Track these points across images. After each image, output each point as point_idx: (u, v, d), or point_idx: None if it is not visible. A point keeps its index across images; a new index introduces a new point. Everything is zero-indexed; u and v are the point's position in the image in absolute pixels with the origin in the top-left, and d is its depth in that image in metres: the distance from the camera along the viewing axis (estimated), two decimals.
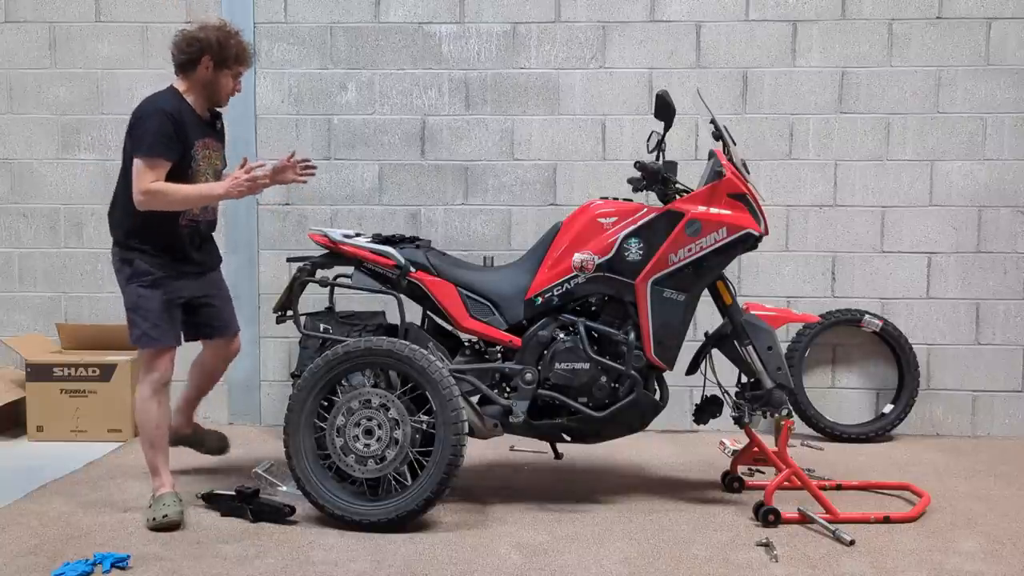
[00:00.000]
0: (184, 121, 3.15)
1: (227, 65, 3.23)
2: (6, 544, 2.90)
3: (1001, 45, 4.52)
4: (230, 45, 3.21)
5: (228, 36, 3.22)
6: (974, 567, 2.78)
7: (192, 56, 3.21)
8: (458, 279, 3.36)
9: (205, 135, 3.26)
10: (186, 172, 3.17)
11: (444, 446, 3.01)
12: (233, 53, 3.22)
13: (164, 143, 3.09)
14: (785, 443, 3.32)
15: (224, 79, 3.25)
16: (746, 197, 3.25)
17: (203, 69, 3.21)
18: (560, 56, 4.61)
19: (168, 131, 3.09)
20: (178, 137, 3.12)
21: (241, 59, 3.26)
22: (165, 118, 3.10)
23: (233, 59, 3.23)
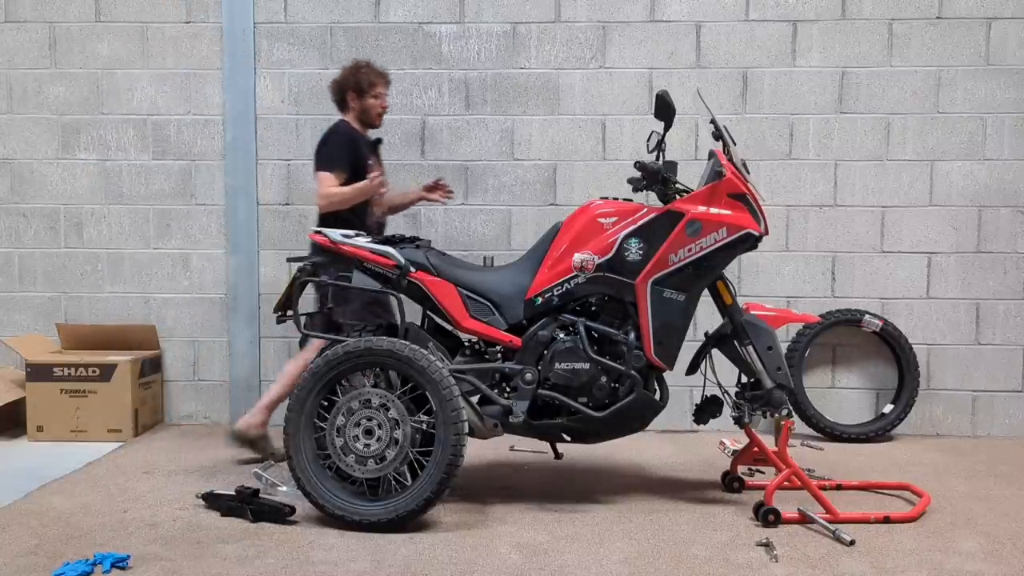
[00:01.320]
0: (358, 143, 3.87)
1: (365, 91, 3.89)
2: (6, 544, 2.90)
3: (1001, 45, 4.52)
4: (361, 75, 3.89)
5: (357, 69, 3.91)
6: (974, 567, 2.78)
7: (340, 96, 3.95)
8: (458, 279, 3.36)
9: (371, 153, 3.95)
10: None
11: (444, 446, 3.01)
12: (366, 80, 3.89)
13: (334, 160, 3.78)
14: (785, 443, 3.32)
15: (368, 102, 3.91)
16: (746, 197, 3.25)
17: (352, 102, 3.92)
18: (560, 56, 4.61)
19: (341, 151, 3.79)
20: (351, 154, 3.79)
21: (374, 81, 3.91)
22: (340, 139, 3.83)
23: (368, 84, 3.90)
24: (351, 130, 3.89)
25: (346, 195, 3.73)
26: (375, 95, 3.91)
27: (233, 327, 4.70)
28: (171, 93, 4.69)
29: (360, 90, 3.89)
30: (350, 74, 3.91)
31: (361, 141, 3.89)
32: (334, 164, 3.76)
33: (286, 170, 4.68)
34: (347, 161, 3.77)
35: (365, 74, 3.89)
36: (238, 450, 3.89)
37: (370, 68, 3.92)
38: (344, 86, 3.92)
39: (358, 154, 3.81)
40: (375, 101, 3.92)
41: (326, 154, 3.80)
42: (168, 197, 4.72)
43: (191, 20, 4.67)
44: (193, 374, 4.74)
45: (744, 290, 4.56)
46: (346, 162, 3.77)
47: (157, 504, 3.33)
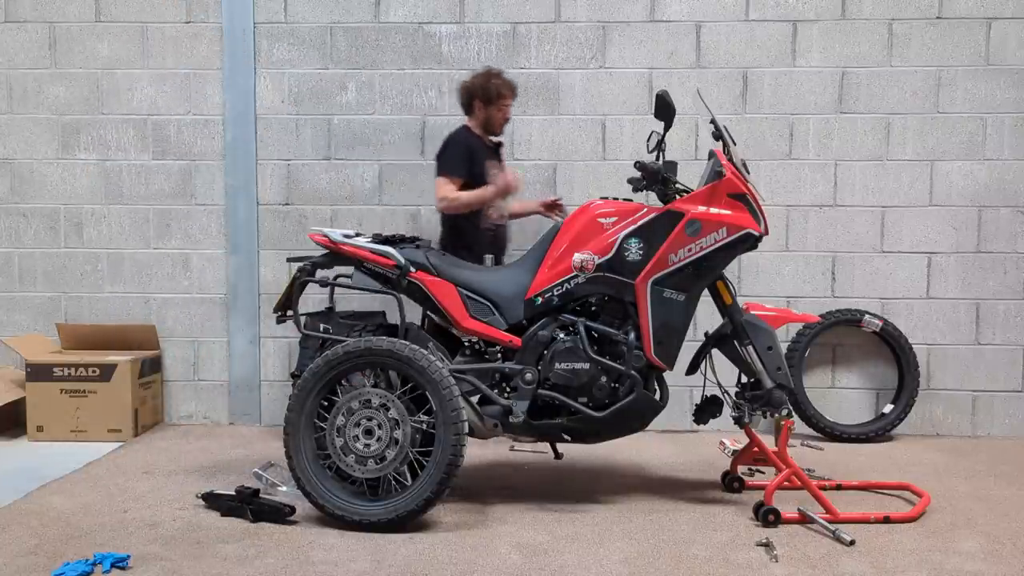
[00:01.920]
0: (474, 148, 4.03)
1: (492, 100, 4.04)
2: (6, 544, 2.90)
3: (1001, 45, 4.52)
4: (492, 86, 4.02)
5: (489, 78, 4.05)
6: (974, 567, 2.78)
7: (467, 101, 4.10)
8: (458, 279, 3.36)
9: (491, 158, 4.08)
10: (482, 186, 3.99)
11: (444, 446, 3.01)
12: (495, 91, 4.03)
13: (452, 165, 3.98)
14: (785, 443, 3.32)
15: (494, 112, 4.07)
16: (746, 197, 3.25)
17: (478, 109, 4.08)
18: (560, 56, 4.61)
19: (458, 157, 3.98)
20: (467, 160, 3.97)
21: (503, 93, 4.06)
22: (457, 146, 4.01)
23: (496, 95, 4.04)
24: (470, 137, 4.06)
25: (464, 200, 3.92)
26: (501, 106, 4.07)
27: (233, 327, 4.70)
28: (171, 93, 4.69)
29: (488, 99, 4.05)
30: (481, 82, 4.06)
31: (480, 147, 4.05)
32: (452, 170, 3.97)
33: (286, 170, 4.68)
34: (465, 168, 3.96)
35: (496, 85, 4.03)
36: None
37: (501, 79, 4.07)
38: (473, 92, 4.08)
39: (475, 160, 3.99)
40: (500, 113, 4.08)
41: (445, 159, 4.01)
42: (168, 197, 4.72)
43: (191, 20, 4.67)
44: (193, 374, 4.74)
45: (744, 290, 4.56)
46: (464, 169, 3.96)
47: (157, 504, 3.32)
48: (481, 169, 3.99)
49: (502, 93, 4.05)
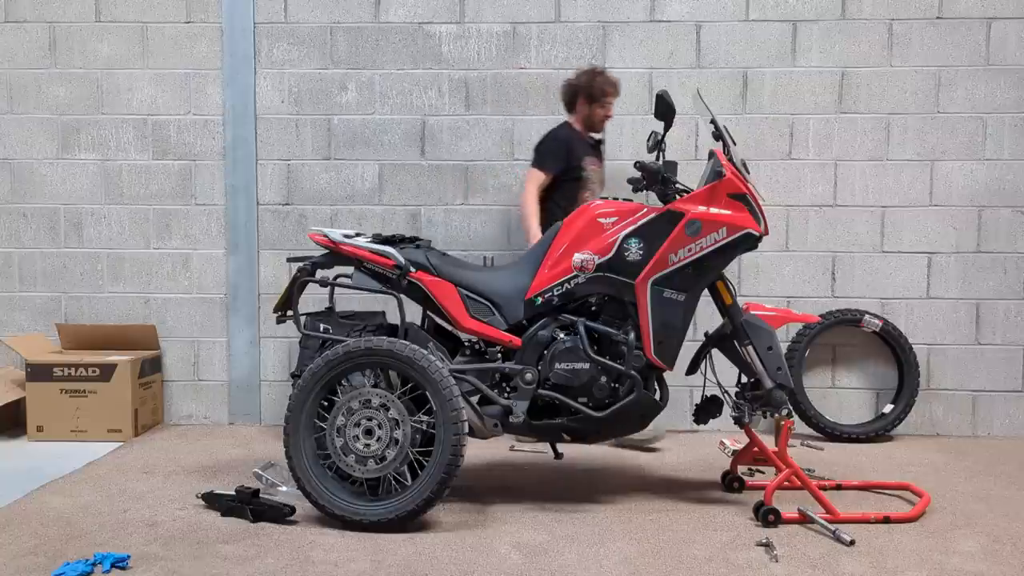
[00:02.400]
0: (573, 143, 4.14)
1: (596, 98, 4.13)
2: (6, 544, 2.90)
3: (1001, 45, 4.52)
4: (596, 83, 4.10)
5: (594, 76, 4.13)
6: (974, 567, 2.78)
7: (571, 98, 4.19)
8: (458, 279, 3.36)
9: (590, 154, 4.18)
10: (578, 180, 4.12)
11: (444, 446, 3.01)
12: (599, 89, 4.11)
13: (547, 159, 4.12)
14: (785, 443, 3.32)
15: (597, 109, 4.15)
16: (746, 197, 3.25)
17: (581, 106, 4.18)
18: (560, 56, 4.61)
19: (555, 153, 4.11)
20: (565, 156, 4.09)
21: (607, 91, 4.13)
22: (556, 142, 4.14)
23: (600, 93, 4.12)
24: (570, 134, 4.17)
25: (525, 208, 4.08)
26: (603, 104, 4.14)
27: (233, 327, 4.70)
28: (171, 93, 4.69)
29: (592, 97, 4.13)
30: (586, 80, 4.14)
31: (579, 143, 4.15)
32: (543, 163, 4.11)
33: (286, 170, 4.68)
34: (558, 164, 4.08)
35: (600, 83, 4.11)
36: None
37: (604, 77, 4.14)
38: (577, 90, 4.16)
39: (572, 155, 4.10)
40: (602, 110, 4.16)
41: (540, 152, 4.16)
42: (168, 197, 4.72)
43: (191, 20, 4.67)
44: (193, 374, 4.74)
45: (744, 290, 4.56)
46: (556, 164, 4.08)
47: (157, 504, 3.33)
48: (578, 164, 4.10)
49: (606, 91, 4.13)
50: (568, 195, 4.12)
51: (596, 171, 4.19)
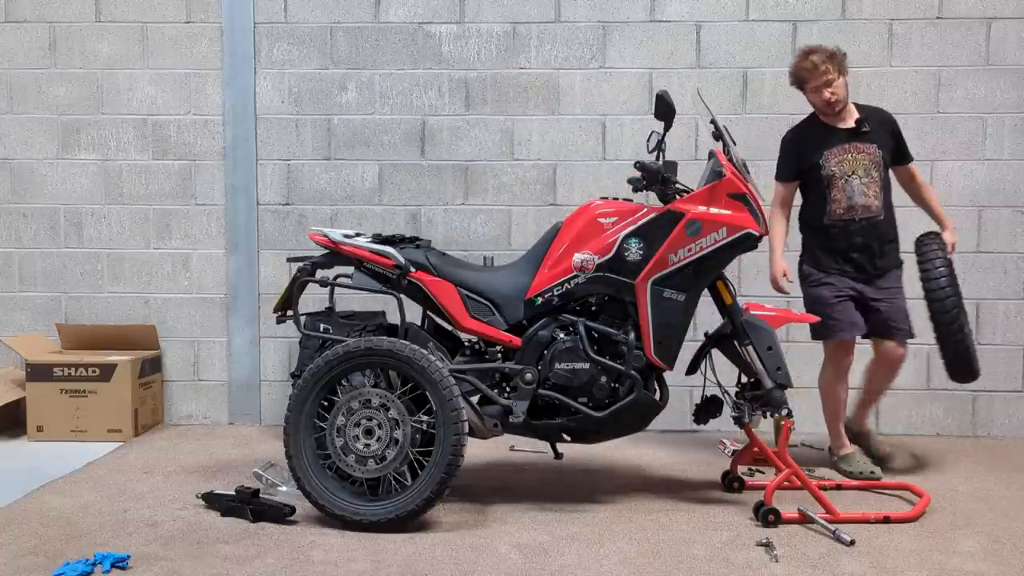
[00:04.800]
0: (807, 139, 3.78)
1: (803, 88, 3.75)
2: (6, 544, 2.90)
3: (1001, 45, 4.52)
4: (798, 68, 3.72)
5: (797, 61, 3.75)
6: (974, 567, 2.78)
7: (794, 84, 3.81)
8: (458, 279, 3.36)
9: (840, 142, 3.71)
10: (820, 180, 3.72)
11: (444, 446, 3.01)
12: (801, 76, 3.72)
13: (779, 169, 3.86)
14: (785, 443, 3.32)
15: (811, 97, 3.75)
16: (746, 197, 3.25)
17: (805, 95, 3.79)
18: (560, 56, 4.61)
19: (784, 158, 3.85)
20: (795, 159, 3.79)
21: (806, 77, 3.69)
22: (785, 146, 3.87)
23: (803, 80, 3.72)
24: (804, 129, 3.83)
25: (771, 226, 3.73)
26: (816, 89, 3.67)
27: (233, 327, 4.70)
28: (171, 93, 4.69)
29: (800, 86, 3.76)
30: (793, 67, 3.76)
31: (815, 138, 3.74)
32: (777, 174, 3.86)
33: (286, 170, 4.68)
34: (788, 170, 3.81)
35: (801, 67, 3.70)
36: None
37: (806, 59, 3.67)
38: (792, 80, 3.79)
39: (803, 157, 3.75)
40: (816, 97, 3.71)
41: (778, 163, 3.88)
42: (168, 197, 4.72)
43: (191, 20, 4.67)
44: (193, 374, 4.74)
45: (744, 290, 4.55)
46: (786, 172, 3.82)
47: (157, 504, 3.33)
48: (816, 162, 3.70)
49: (805, 78, 3.69)
50: (813, 203, 3.77)
51: (850, 159, 3.67)
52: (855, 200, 3.66)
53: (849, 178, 3.67)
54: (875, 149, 3.70)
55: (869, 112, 3.80)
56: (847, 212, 3.68)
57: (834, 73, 3.62)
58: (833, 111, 3.70)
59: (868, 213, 3.68)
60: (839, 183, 3.67)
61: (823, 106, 3.71)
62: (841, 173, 3.67)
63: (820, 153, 3.70)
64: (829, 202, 3.70)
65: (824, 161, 3.69)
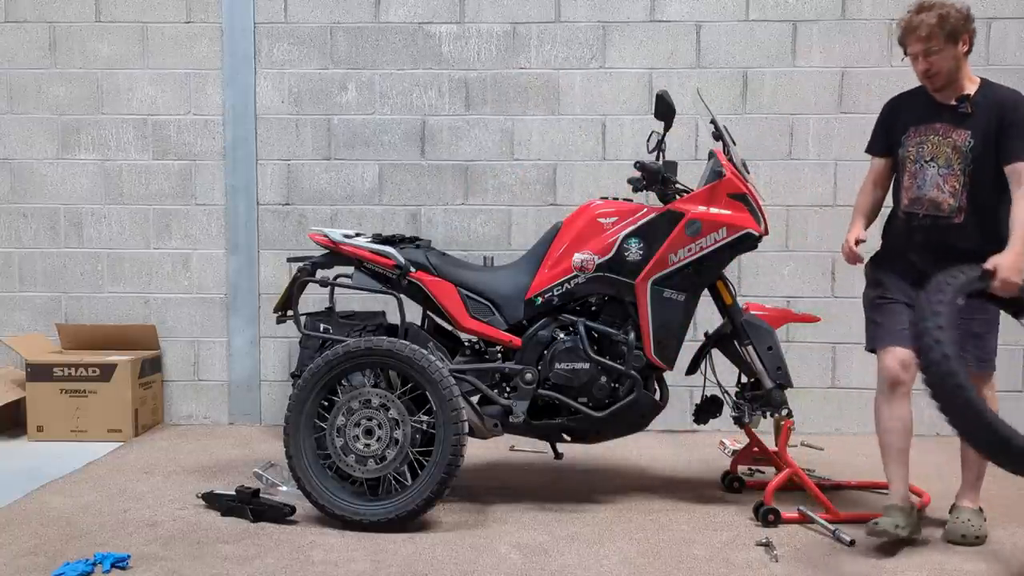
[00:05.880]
0: (901, 110, 3.17)
1: (905, 53, 3.10)
2: (6, 544, 2.90)
3: (1001, 45, 4.52)
4: (902, 25, 3.07)
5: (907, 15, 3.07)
6: (974, 567, 2.78)
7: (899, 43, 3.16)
8: (458, 279, 3.36)
9: (930, 120, 3.06)
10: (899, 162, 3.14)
11: (444, 446, 3.01)
12: (900, 40, 3.10)
13: (871, 139, 3.27)
14: (785, 443, 3.32)
15: (913, 63, 3.07)
16: (746, 197, 3.25)
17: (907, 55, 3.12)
18: (560, 56, 4.61)
19: (875, 127, 3.25)
20: (884, 130, 3.20)
21: (905, 38, 3.07)
22: (880, 114, 3.25)
23: (901, 43, 3.10)
24: (899, 98, 3.23)
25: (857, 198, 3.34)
26: (914, 57, 3.05)
27: (233, 327, 4.70)
28: (171, 93, 4.69)
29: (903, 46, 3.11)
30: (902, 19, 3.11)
31: (912, 110, 3.13)
32: (869, 147, 3.29)
33: (286, 170, 4.68)
34: (875, 142, 3.25)
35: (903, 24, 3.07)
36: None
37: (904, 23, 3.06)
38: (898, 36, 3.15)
39: (891, 127, 3.17)
40: (916, 66, 3.06)
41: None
42: (168, 197, 4.72)
43: (191, 20, 4.67)
44: (193, 374, 4.74)
45: (744, 290, 4.56)
46: (874, 143, 3.26)
47: (157, 504, 3.33)
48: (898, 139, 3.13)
49: (904, 40, 3.08)
50: (894, 187, 3.22)
51: (934, 142, 3.04)
52: (924, 191, 3.03)
53: (926, 164, 3.04)
54: (967, 137, 2.98)
55: (993, 92, 3.03)
56: (912, 204, 3.07)
57: (939, 42, 2.95)
58: (932, 86, 3.05)
59: (935, 211, 3.00)
60: (911, 168, 3.07)
61: (923, 78, 3.06)
62: (918, 157, 3.06)
63: (906, 129, 3.11)
64: (901, 189, 3.13)
65: (906, 139, 3.10)
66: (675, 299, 3.25)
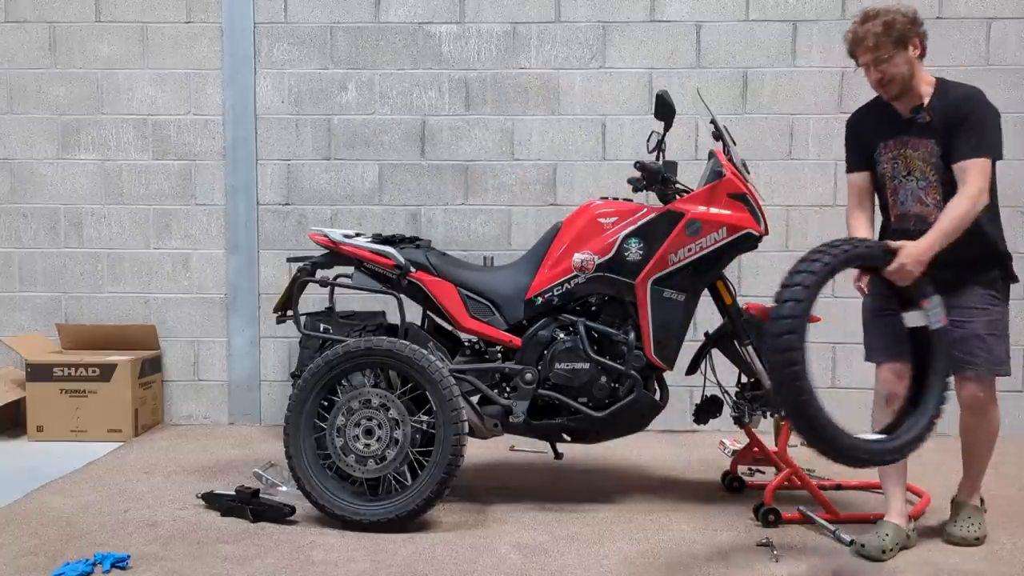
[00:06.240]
0: (865, 124, 3.08)
1: (855, 61, 2.99)
2: (6, 544, 2.90)
3: (1001, 45, 4.52)
4: (848, 36, 2.97)
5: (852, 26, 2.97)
6: (974, 567, 2.78)
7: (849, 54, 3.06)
8: (458, 279, 3.36)
9: (897, 134, 2.97)
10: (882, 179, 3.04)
11: (444, 446, 3.01)
12: (848, 50, 2.99)
13: (847, 158, 3.16)
14: (785, 443, 3.32)
15: (867, 74, 2.96)
16: (746, 197, 3.25)
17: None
18: (560, 56, 4.61)
19: (847, 146, 3.15)
20: (855, 147, 3.11)
21: (853, 53, 2.97)
22: (846, 131, 3.17)
23: (851, 55, 2.99)
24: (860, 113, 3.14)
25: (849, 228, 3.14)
26: (864, 65, 2.95)
27: (233, 327, 4.70)
28: (171, 93, 4.69)
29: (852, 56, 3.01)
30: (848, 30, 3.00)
31: (873, 125, 3.04)
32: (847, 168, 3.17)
33: (286, 170, 4.68)
34: (849, 159, 3.14)
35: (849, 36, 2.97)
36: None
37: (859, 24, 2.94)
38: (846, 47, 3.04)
39: (860, 143, 3.08)
40: (868, 76, 2.96)
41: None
42: (168, 197, 4.72)
43: (191, 20, 4.67)
44: (193, 374, 4.74)
45: (744, 290, 4.55)
46: (848, 160, 3.15)
47: (157, 504, 3.33)
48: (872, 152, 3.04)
49: (852, 49, 2.97)
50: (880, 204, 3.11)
51: (906, 155, 2.95)
52: (908, 207, 2.95)
53: (904, 179, 2.96)
54: (932, 146, 2.90)
55: (947, 94, 2.95)
56: (900, 221, 2.99)
57: (888, 49, 2.85)
58: (887, 95, 2.95)
59: (924, 224, 2.87)
60: (892, 185, 3.00)
61: (876, 87, 2.96)
62: (895, 173, 2.99)
63: (875, 144, 3.02)
64: (887, 206, 3.06)
65: (879, 155, 3.02)
66: (675, 299, 3.25)
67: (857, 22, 2.95)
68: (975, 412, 2.93)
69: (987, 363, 2.90)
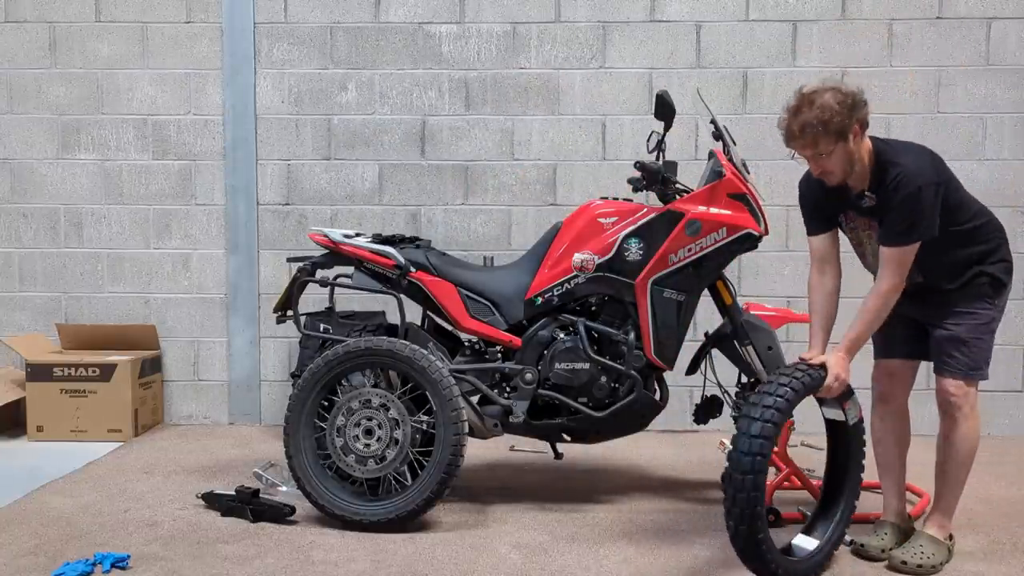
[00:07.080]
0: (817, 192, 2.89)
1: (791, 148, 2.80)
2: (6, 544, 2.90)
3: (1001, 45, 4.52)
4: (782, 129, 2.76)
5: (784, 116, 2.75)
6: (974, 567, 2.78)
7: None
8: (458, 279, 3.36)
9: (847, 209, 2.89)
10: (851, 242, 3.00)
11: (444, 446, 3.01)
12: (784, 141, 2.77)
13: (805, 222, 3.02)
14: (785, 443, 3.32)
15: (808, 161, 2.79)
16: (746, 197, 3.25)
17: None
18: (560, 56, 4.61)
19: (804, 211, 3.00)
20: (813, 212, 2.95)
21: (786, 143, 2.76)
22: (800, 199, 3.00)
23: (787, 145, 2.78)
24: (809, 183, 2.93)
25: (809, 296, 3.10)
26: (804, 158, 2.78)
27: (233, 327, 4.70)
28: (171, 93, 4.69)
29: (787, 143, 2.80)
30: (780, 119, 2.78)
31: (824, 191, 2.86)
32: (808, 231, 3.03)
33: (286, 170, 4.68)
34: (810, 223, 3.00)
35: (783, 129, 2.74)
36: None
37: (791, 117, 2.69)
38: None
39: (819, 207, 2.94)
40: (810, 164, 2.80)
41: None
42: (168, 197, 4.72)
43: (191, 20, 4.67)
44: (193, 374, 4.74)
45: (744, 290, 4.56)
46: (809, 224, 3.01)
47: (157, 504, 3.33)
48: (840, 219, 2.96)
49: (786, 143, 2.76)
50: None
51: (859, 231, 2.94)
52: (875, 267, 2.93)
53: (866, 250, 2.98)
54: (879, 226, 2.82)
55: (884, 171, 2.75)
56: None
57: (827, 144, 2.65)
58: (830, 183, 2.79)
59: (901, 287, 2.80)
60: (859, 251, 3.02)
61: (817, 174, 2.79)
62: (858, 241, 2.99)
63: (836, 210, 2.93)
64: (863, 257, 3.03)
65: (842, 221, 2.95)
66: (675, 299, 3.26)
67: (790, 113, 2.70)
68: (948, 414, 2.82)
69: (964, 366, 2.84)
